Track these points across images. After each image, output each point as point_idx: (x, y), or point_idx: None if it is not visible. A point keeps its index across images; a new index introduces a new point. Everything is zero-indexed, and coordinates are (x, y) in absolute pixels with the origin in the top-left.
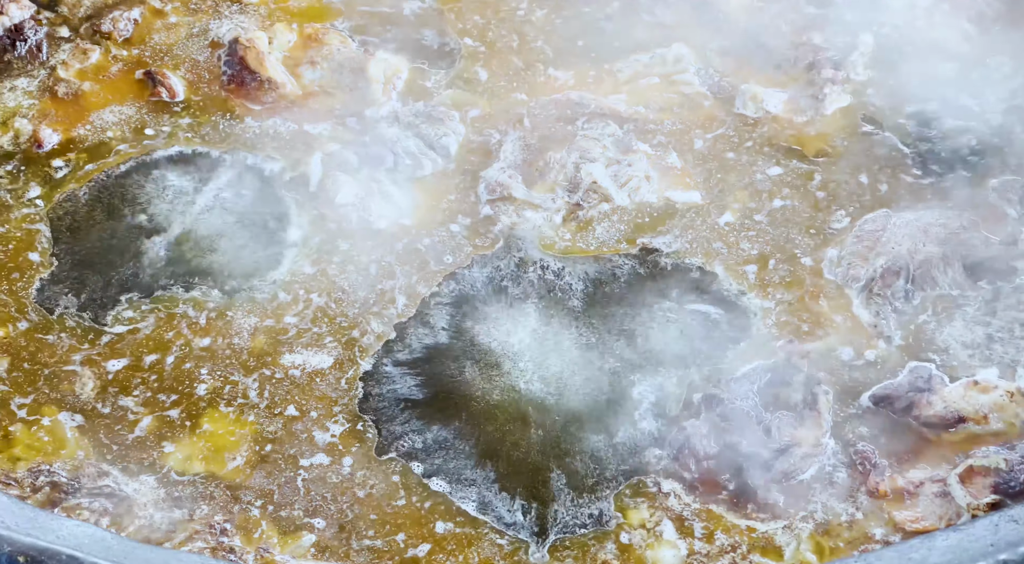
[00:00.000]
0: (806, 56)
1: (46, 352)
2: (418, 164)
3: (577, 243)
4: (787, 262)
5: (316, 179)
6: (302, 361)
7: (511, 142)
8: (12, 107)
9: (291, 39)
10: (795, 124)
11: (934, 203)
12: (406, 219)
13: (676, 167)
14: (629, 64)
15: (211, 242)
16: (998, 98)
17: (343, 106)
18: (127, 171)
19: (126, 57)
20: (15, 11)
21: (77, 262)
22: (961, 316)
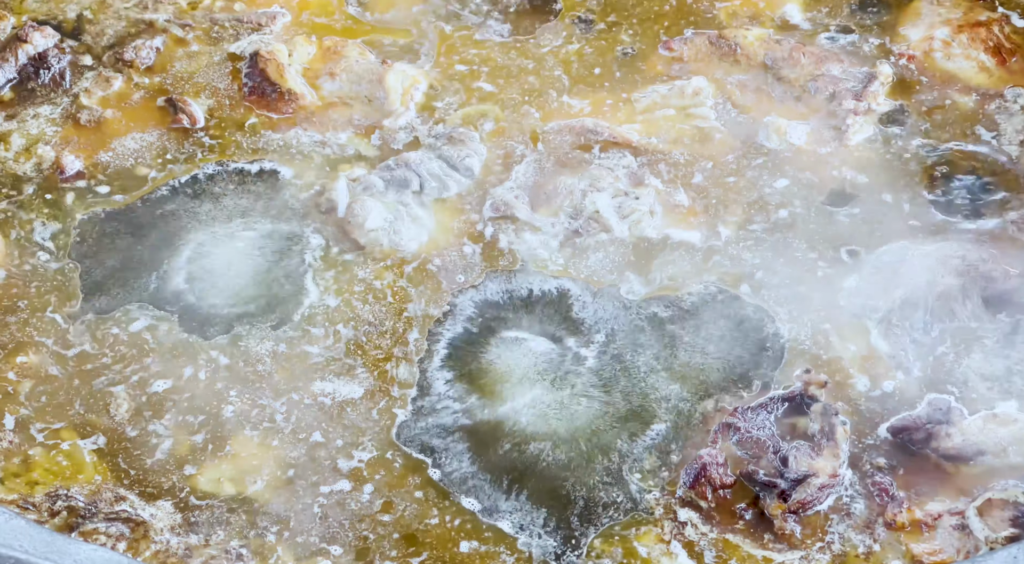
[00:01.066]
0: (826, 87)
1: (77, 374)
2: (443, 186)
3: (568, 269)
4: (803, 293)
5: (343, 204)
6: (332, 390)
7: (526, 163)
8: (35, 134)
9: (311, 51)
10: (818, 155)
11: (952, 235)
12: (432, 240)
13: (683, 205)
14: (647, 94)
15: (239, 268)
16: (1015, 130)
17: (362, 116)
18: (151, 196)
19: (148, 85)
20: (39, 40)
21: (104, 286)
22: (980, 348)
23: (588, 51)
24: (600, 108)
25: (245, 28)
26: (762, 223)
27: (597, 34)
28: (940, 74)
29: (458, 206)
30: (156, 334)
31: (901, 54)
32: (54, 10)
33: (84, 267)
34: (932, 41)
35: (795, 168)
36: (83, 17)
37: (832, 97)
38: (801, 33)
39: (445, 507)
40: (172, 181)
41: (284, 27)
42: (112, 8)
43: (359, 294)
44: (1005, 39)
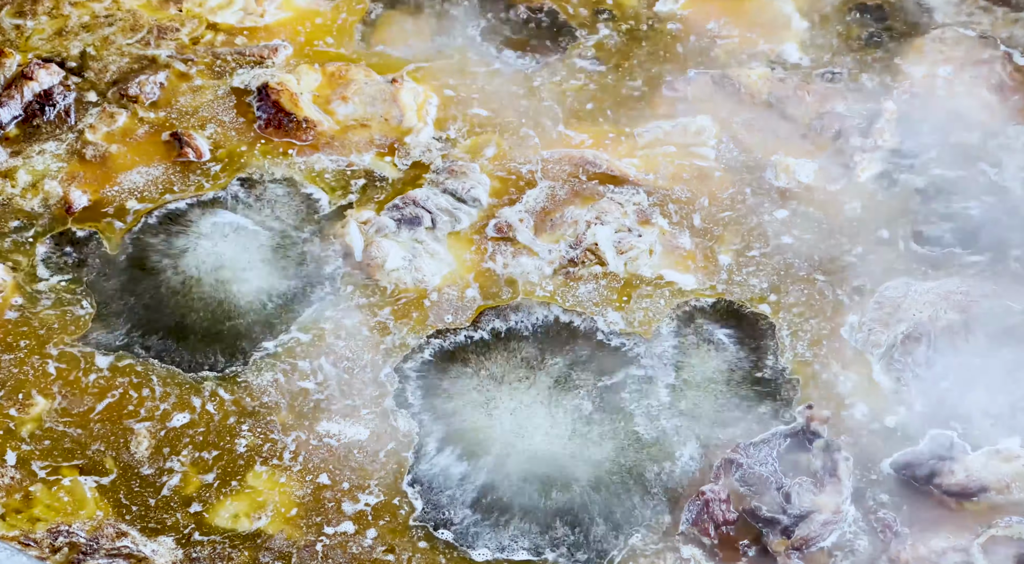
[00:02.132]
0: (832, 125)
1: (99, 409)
2: (455, 219)
3: (555, 297)
4: (808, 328)
5: (359, 248)
6: (338, 431)
7: (539, 189)
8: (41, 170)
9: (316, 79)
10: (827, 192)
11: (954, 271)
12: (453, 272)
13: (684, 248)
14: (650, 129)
15: (261, 305)
16: (1018, 167)
17: (382, 135)
18: (163, 228)
19: (153, 119)
20: (44, 77)
21: (117, 320)
22: (983, 384)
23: (593, 87)
24: (602, 140)
25: (247, 61)
26: (764, 258)
27: (602, 73)
28: (943, 111)
29: (471, 237)
30: (170, 369)
31: (905, 91)
32: (58, 47)
33: (95, 301)
34: (935, 78)
35: (797, 205)
36: (87, 54)
37: (838, 134)
38: (803, 71)
39: (452, 558)
40: (176, 214)
41: (286, 59)
42: (115, 45)
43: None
44: (1007, 77)
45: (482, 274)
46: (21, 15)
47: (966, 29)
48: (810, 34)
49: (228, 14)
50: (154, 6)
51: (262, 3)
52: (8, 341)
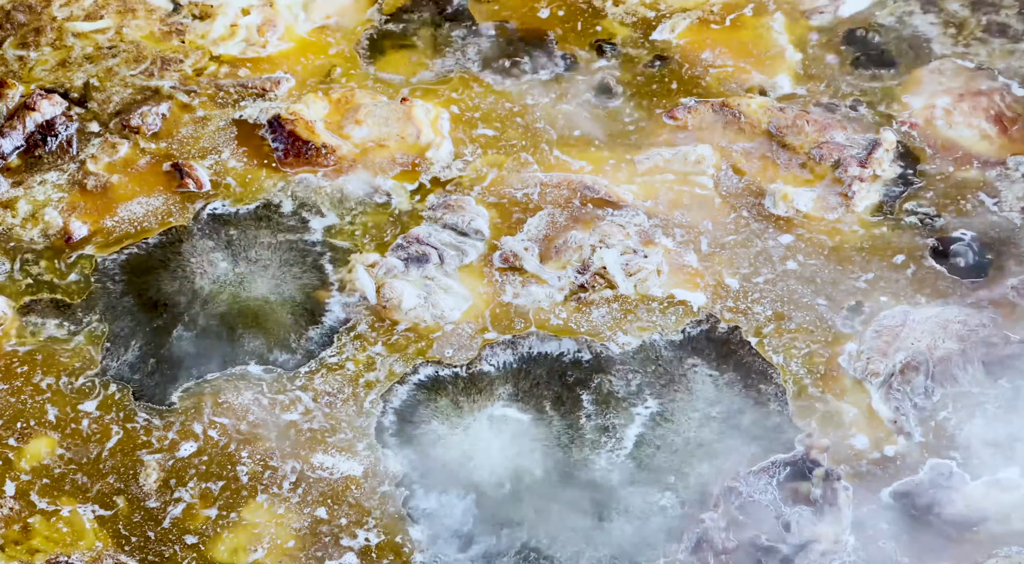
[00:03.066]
0: (831, 154)
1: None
2: (461, 252)
3: (569, 324)
4: (807, 356)
5: (371, 291)
6: (332, 463)
7: (539, 216)
8: (42, 200)
9: (324, 106)
10: (825, 221)
11: (953, 300)
12: (472, 306)
13: (691, 266)
14: (650, 157)
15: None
16: (1016, 197)
17: (402, 154)
18: (170, 255)
19: (154, 150)
20: (47, 107)
21: (122, 351)
22: (982, 414)
23: (590, 113)
24: (601, 166)
25: (250, 93)
26: (764, 285)
27: (599, 100)
28: (942, 141)
29: (482, 269)
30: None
31: (904, 121)
32: (62, 78)
33: (97, 331)
34: (934, 109)
35: (796, 233)
36: (90, 85)
37: (837, 164)
38: (802, 100)
39: None
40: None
41: (288, 91)
42: (119, 76)
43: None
44: (1006, 108)
45: (499, 306)
46: (24, 46)
47: (964, 60)
48: (804, 65)
49: (231, 45)
50: (158, 38)
51: (264, 34)
52: (18, 373)
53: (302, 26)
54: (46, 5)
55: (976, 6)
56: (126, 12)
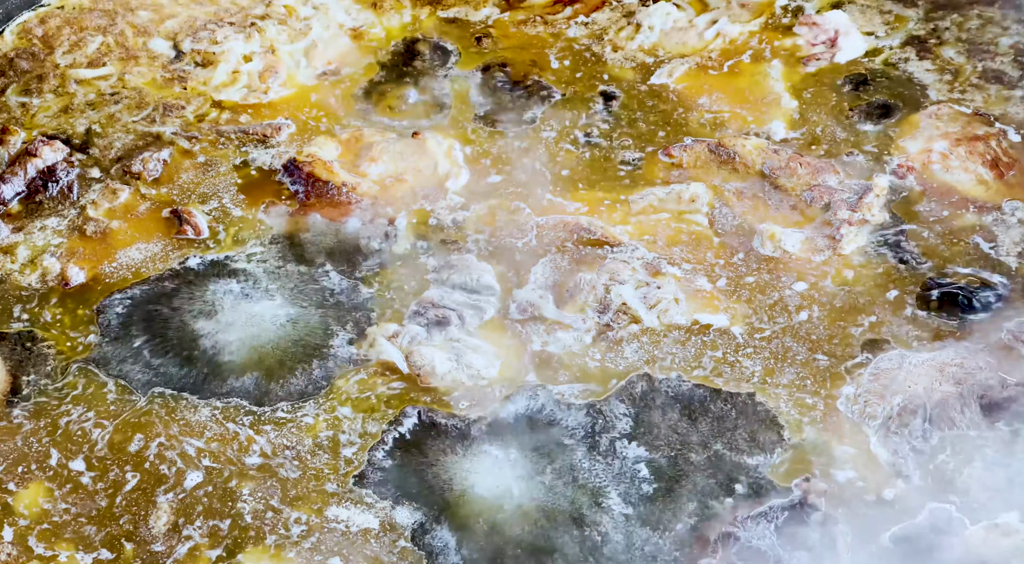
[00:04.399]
0: (822, 197)
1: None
2: (479, 310)
3: (606, 364)
4: (803, 399)
5: (401, 361)
6: (347, 516)
7: (543, 264)
8: (41, 246)
9: (335, 147)
10: (813, 263)
11: (950, 343)
12: (504, 361)
13: (705, 289)
14: (644, 196)
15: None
16: (1013, 242)
17: (421, 186)
18: (180, 295)
19: (155, 196)
20: (49, 153)
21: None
22: (980, 457)
23: (586, 154)
24: (595, 207)
25: (250, 140)
26: (760, 327)
27: (595, 141)
28: (939, 186)
29: (502, 323)
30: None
31: (900, 165)
32: (64, 125)
33: (101, 374)
34: (931, 153)
35: (792, 275)
36: (92, 131)
37: (827, 207)
38: (798, 143)
39: None
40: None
41: (289, 136)
42: (120, 122)
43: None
44: (1002, 153)
45: (532, 356)
46: (27, 93)
47: (961, 105)
48: (801, 110)
49: (232, 92)
50: (159, 84)
51: (266, 81)
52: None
53: (303, 73)
54: (49, 53)
55: (972, 53)
56: (129, 59)
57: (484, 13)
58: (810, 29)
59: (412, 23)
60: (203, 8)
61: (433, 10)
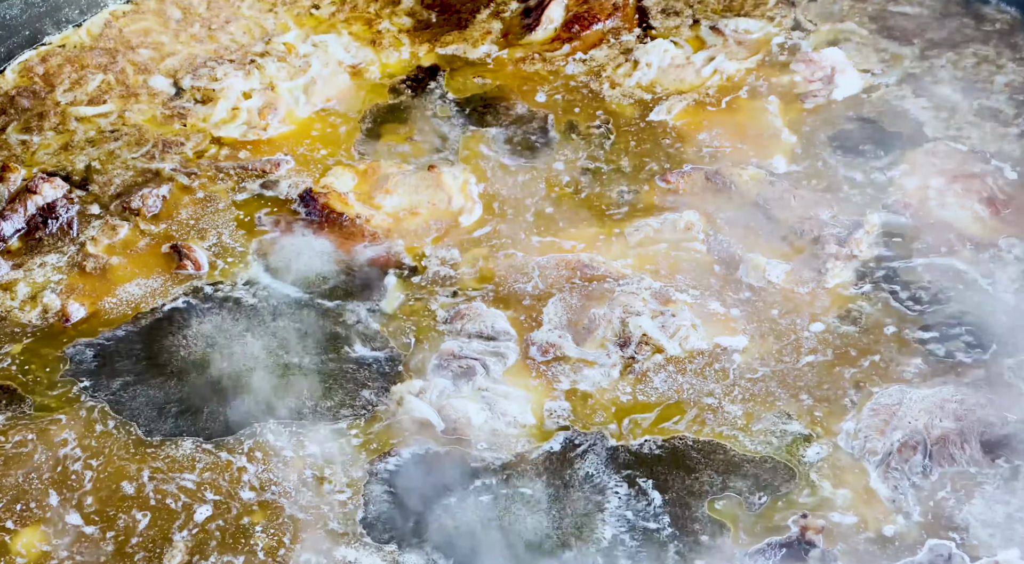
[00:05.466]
0: (812, 230)
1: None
2: (501, 356)
3: (638, 396)
4: (802, 434)
5: (435, 418)
6: (355, 557)
7: (552, 304)
8: (41, 282)
9: (352, 178)
10: (797, 294)
11: (950, 379)
12: (535, 404)
13: (719, 313)
14: (639, 228)
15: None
16: (1010, 278)
17: (435, 219)
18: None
19: (154, 232)
20: (48, 190)
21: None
22: (980, 494)
23: (582, 191)
24: (593, 243)
25: (249, 175)
26: (760, 360)
27: (591, 177)
28: (935, 222)
29: (525, 365)
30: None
31: (897, 202)
32: (63, 162)
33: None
34: (927, 190)
35: (787, 305)
36: (91, 168)
37: (816, 240)
38: (795, 176)
39: None
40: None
41: (288, 172)
42: (120, 158)
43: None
44: (998, 190)
45: (565, 396)
46: (27, 131)
47: (957, 143)
48: (801, 145)
49: (232, 128)
50: (160, 121)
51: (265, 117)
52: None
53: (303, 109)
54: (50, 90)
55: (967, 91)
56: (129, 97)
57: (483, 50)
58: (807, 66)
59: (411, 60)
60: (203, 46)
61: (432, 47)
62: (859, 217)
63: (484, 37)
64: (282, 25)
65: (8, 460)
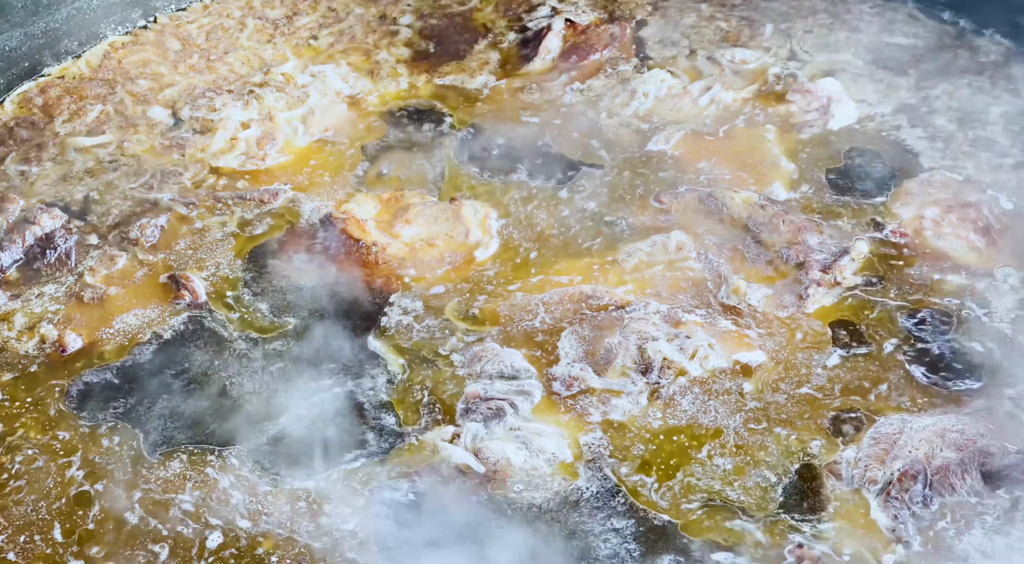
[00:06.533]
0: (798, 255)
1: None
2: (526, 394)
3: (668, 420)
4: (801, 461)
5: (474, 462)
6: None
7: (566, 338)
8: (39, 313)
9: (374, 206)
10: (779, 319)
11: (950, 409)
12: (570, 438)
13: (732, 330)
14: (631, 254)
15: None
16: (1006, 309)
17: (451, 253)
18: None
19: (152, 262)
20: (47, 221)
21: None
22: (980, 524)
23: (576, 224)
24: (590, 274)
25: (248, 205)
26: (755, 390)
27: (585, 208)
28: (931, 252)
29: (552, 401)
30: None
31: (894, 231)
32: (62, 192)
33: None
34: (923, 219)
35: (784, 332)
36: (90, 198)
37: (801, 265)
38: (793, 204)
39: None
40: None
41: (286, 201)
42: (118, 189)
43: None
44: (994, 220)
45: (600, 427)
46: (26, 162)
47: (952, 172)
48: (799, 172)
49: (230, 158)
50: (158, 152)
51: (263, 148)
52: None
53: (301, 139)
54: (49, 121)
55: (963, 121)
56: (127, 127)
57: (480, 80)
58: (803, 96)
59: (409, 90)
60: (202, 76)
61: (430, 77)
62: (846, 243)
63: (482, 67)
64: (280, 56)
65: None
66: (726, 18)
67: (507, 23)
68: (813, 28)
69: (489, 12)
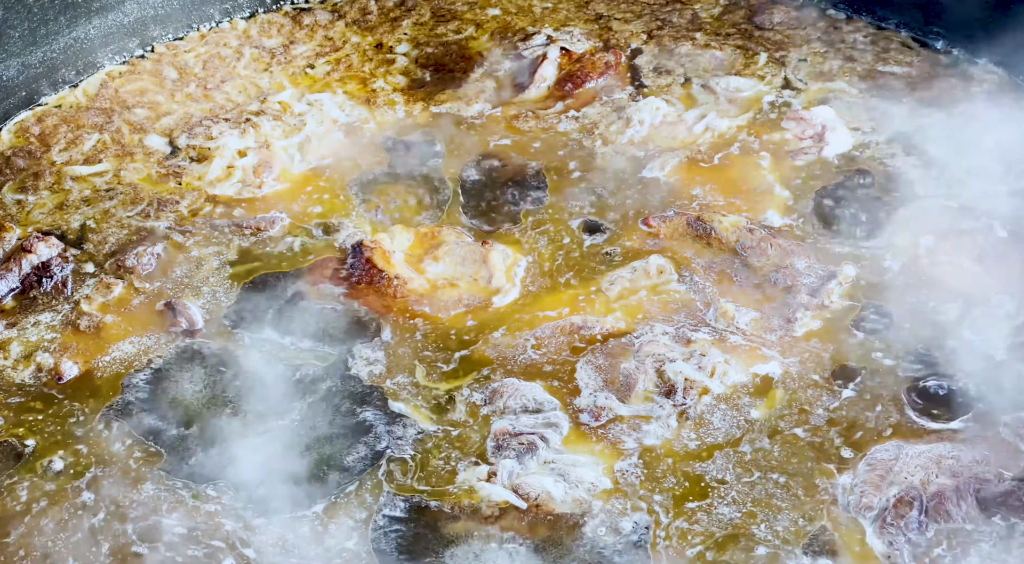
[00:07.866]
0: (786, 279)
1: None
2: (554, 427)
3: (705, 439)
4: (797, 487)
5: (515, 499)
6: None
7: (581, 368)
8: (35, 341)
9: (408, 238)
10: (768, 342)
11: (946, 435)
12: (605, 466)
13: (742, 344)
14: (614, 282)
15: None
16: (1002, 336)
17: (471, 295)
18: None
19: (148, 290)
20: (43, 249)
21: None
22: (976, 552)
23: (559, 255)
24: (576, 305)
25: (244, 233)
26: (749, 415)
27: (574, 237)
28: (926, 279)
29: (583, 433)
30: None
31: (888, 258)
32: (59, 220)
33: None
34: (917, 247)
35: (784, 355)
36: (86, 226)
37: (789, 289)
38: (787, 231)
39: None
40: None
41: (283, 229)
42: (115, 217)
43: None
44: (989, 248)
45: (640, 454)
46: (23, 190)
47: (948, 200)
48: (794, 198)
49: (227, 186)
50: (154, 180)
51: (260, 175)
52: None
53: (298, 167)
54: (46, 150)
55: (957, 149)
56: (124, 156)
57: (476, 109)
58: (797, 124)
59: (405, 118)
60: (199, 105)
61: (426, 106)
62: (833, 268)
63: (478, 96)
64: (277, 84)
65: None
66: (720, 46)
67: (503, 52)
68: (807, 57)
69: (485, 41)
